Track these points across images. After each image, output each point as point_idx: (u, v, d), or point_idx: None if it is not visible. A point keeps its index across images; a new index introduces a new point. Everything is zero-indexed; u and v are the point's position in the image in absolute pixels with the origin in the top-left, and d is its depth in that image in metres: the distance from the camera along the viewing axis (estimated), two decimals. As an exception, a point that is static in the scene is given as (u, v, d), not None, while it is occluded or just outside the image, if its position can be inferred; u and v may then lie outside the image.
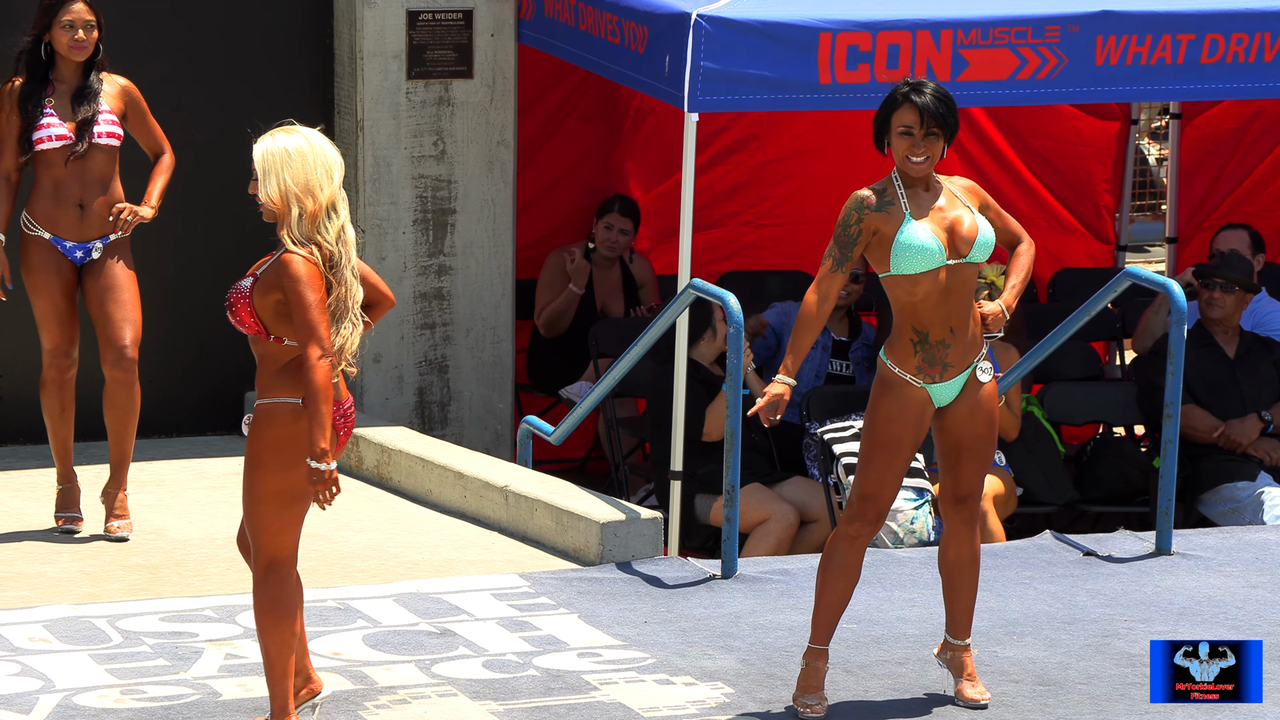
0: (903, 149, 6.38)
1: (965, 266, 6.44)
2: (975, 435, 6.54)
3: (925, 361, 6.45)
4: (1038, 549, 8.26)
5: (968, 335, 6.48)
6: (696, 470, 8.96)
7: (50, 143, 7.81)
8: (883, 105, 6.45)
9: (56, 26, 7.85)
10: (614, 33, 8.96)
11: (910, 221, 6.41)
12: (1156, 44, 8.74)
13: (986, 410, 6.53)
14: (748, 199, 11.10)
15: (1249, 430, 9.46)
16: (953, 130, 6.41)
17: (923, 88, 6.39)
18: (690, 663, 6.99)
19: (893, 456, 6.49)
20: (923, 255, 6.39)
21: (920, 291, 6.41)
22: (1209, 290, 9.65)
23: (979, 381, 6.50)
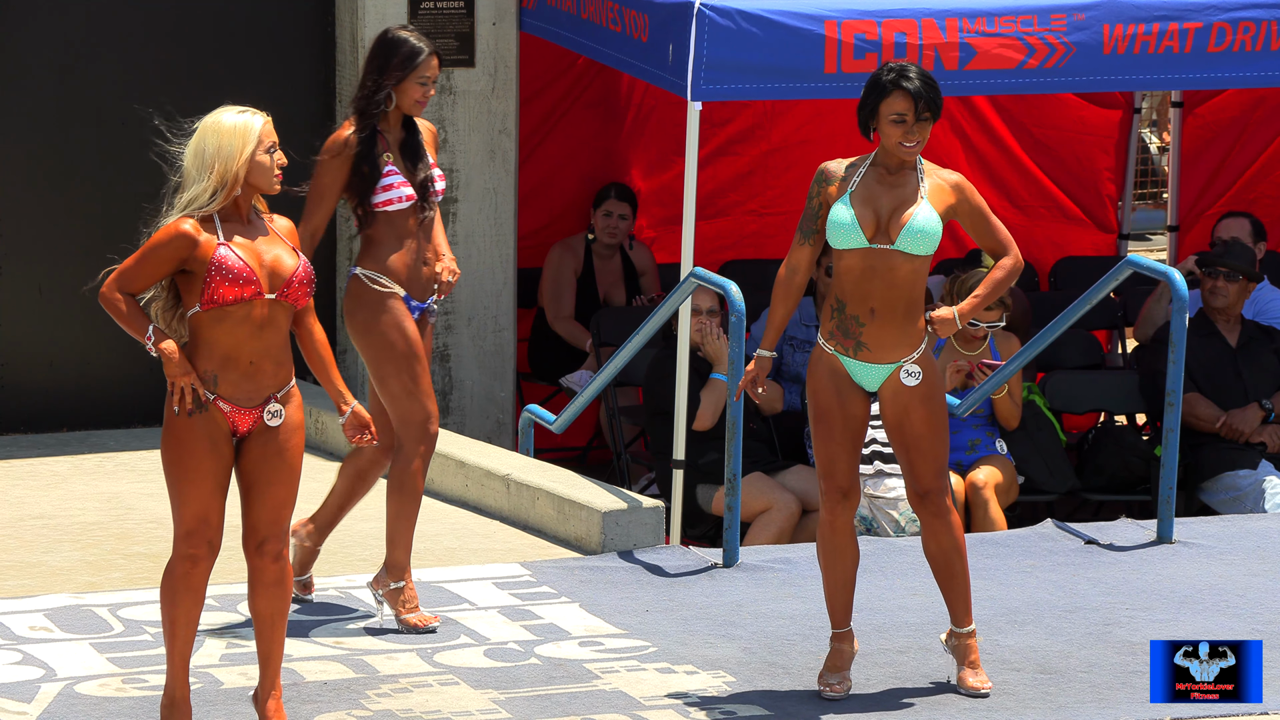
0: (896, 136, 6.41)
1: (894, 254, 6.44)
2: (915, 434, 6.55)
3: (839, 329, 6.52)
4: (1039, 537, 8.26)
5: (894, 325, 6.47)
6: (698, 459, 8.96)
7: (400, 204, 7.11)
8: (868, 92, 6.47)
9: (413, 80, 7.03)
10: (615, 21, 8.95)
11: (846, 197, 6.48)
12: (1164, 32, 8.73)
13: (922, 410, 6.52)
14: (751, 188, 11.10)
15: (1250, 419, 9.45)
16: (939, 112, 6.44)
17: (908, 72, 6.42)
18: (692, 651, 7.00)
19: (826, 429, 6.54)
20: (839, 231, 6.46)
21: (843, 266, 6.50)
22: (1212, 279, 9.64)
23: (903, 384, 6.50)
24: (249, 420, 6.03)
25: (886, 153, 6.48)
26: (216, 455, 6.02)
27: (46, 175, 9.44)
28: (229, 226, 6.04)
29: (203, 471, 6.03)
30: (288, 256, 6.03)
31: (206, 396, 6.01)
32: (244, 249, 5.99)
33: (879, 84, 6.43)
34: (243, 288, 5.94)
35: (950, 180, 6.53)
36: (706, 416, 9.07)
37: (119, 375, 9.48)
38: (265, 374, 6.02)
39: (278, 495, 6.03)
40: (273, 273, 5.99)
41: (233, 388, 6.01)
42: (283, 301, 6.01)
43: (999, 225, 6.59)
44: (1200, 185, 11.32)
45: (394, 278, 7.11)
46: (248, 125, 5.99)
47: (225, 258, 5.96)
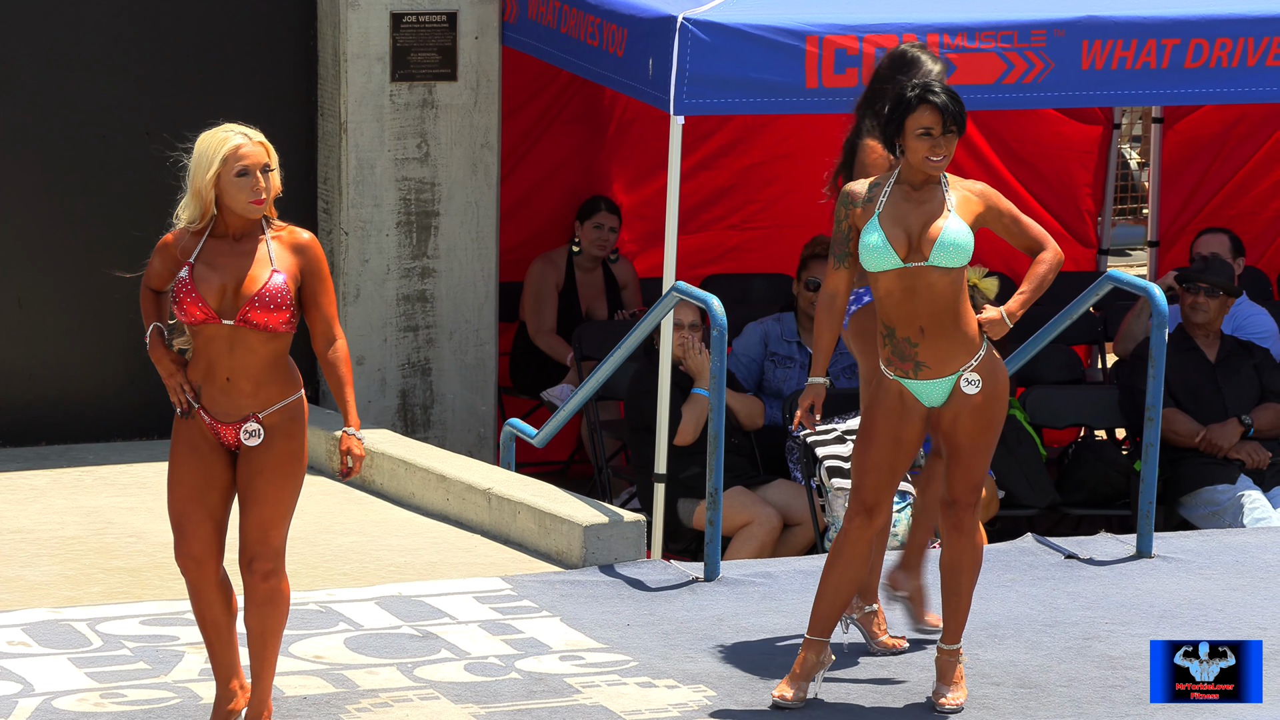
0: (923, 150, 6.43)
1: (930, 270, 6.46)
2: (957, 444, 6.57)
3: (895, 355, 6.53)
4: (1019, 552, 8.28)
5: (946, 339, 6.49)
6: (679, 473, 8.97)
7: None
8: (894, 107, 6.47)
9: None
10: (594, 35, 8.98)
11: (874, 219, 6.49)
12: (1142, 49, 8.77)
13: (969, 421, 6.53)
14: (733, 202, 11.12)
15: (1229, 434, 9.48)
16: (964, 127, 6.49)
17: (934, 87, 6.45)
18: (673, 665, 7.00)
19: (865, 444, 6.57)
20: (873, 254, 6.47)
21: (882, 288, 6.50)
22: (1193, 295, 9.67)
23: (964, 393, 6.52)
24: (231, 436, 6.04)
25: (910, 169, 6.48)
26: (197, 462, 6.04)
27: (27, 188, 9.43)
28: (212, 244, 6.05)
29: (179, 476, 6.09)
30: (261, 279, 5.99)
31: (189, 403, 6.02)
32: (209, 270, 5.99)
33: (905, 99, 6.44)
34: (197, 310, 5.96)
35: (975, 189, 6.56)
36: (688, 431, 9.08)
37: (98, 389, 9.47)
38: (242, 393, 6.02)
39: (261, 514, 6.03)
40: (236, 296, 5.98)
41: (211, 401, 6.04)
42: (243, 327, 6.00)
43: (1030, 223, 6.60)
44: (1180, 201, 11.35)
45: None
46: (220, 144, 5.99)
47: (183, 279, 5.99)
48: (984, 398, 6.53)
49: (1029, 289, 6.54)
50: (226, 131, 6.02)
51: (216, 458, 6.06)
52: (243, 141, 6.00)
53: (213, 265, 5.99)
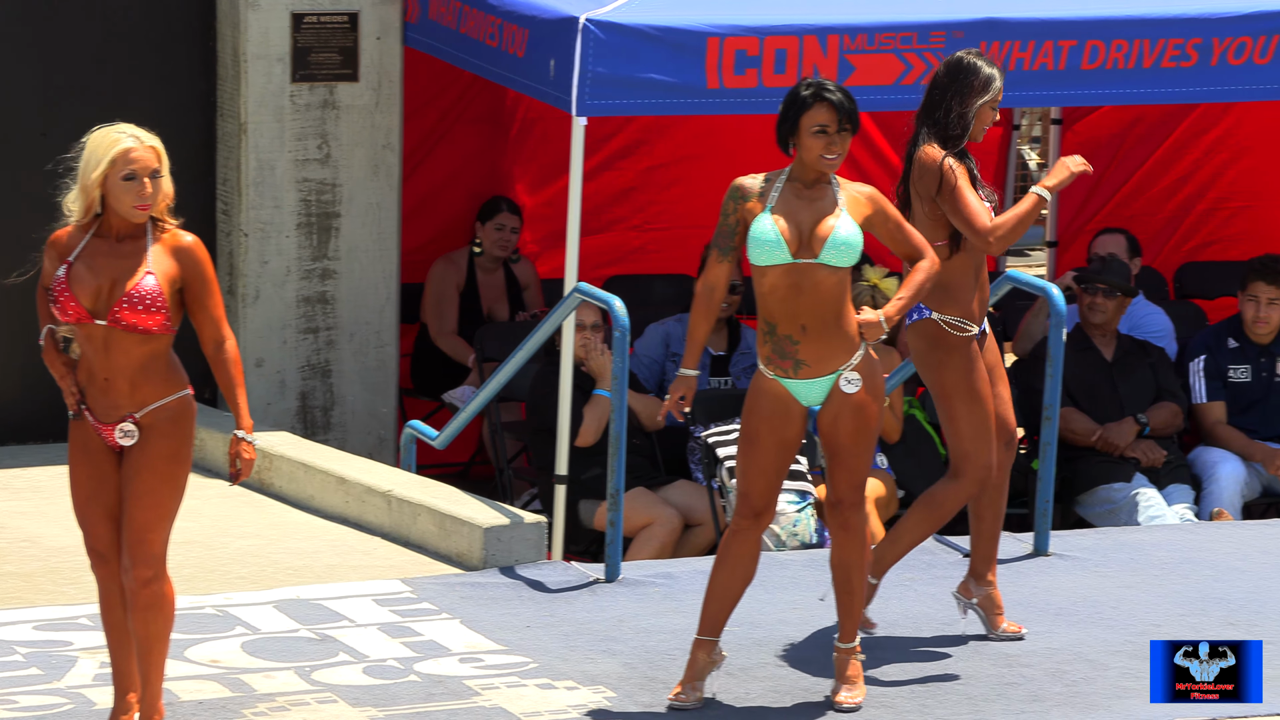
0: (818, 148, 6.47)
1: (819, 267, 6.49)
2: (839, 443, 6.62)
3: (775, 353, 6.56)
4: (918, 551, 8.25)
5: (827, 337, 6.53)
6: (581, 475, 8.97)
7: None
8: (789, 106, 6.52)
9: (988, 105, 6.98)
10: (494, 36, 8.97)
11: (765, 213, 6.51)
12: (1039, 50, 8.83)
13: (850, 420, 6.58)
14: (635, 203, 11.13)
15: (1126, 433, 9.56)
16: (858, 125, 6.53)
17: (828, 86, 6.50)
18: (573, 667, 7.00)
19: (751, 449, 6.60)
20: (764, 248, 6.49)
21: (767, 284, 6.53)
22: (1090, 295, 9.75)
23: (843, 392, 6.56)
24: (111, 436, 6.01)
25: (803, 167, 6.53)
26: (89, 463, 6.03)
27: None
28: (95, 243, 6.01)
29: (75, 477, 6.10)
30: (133, 280, 5.95)
31: (77, 405, 6.00)
32: (86, 270, 5.96)
33: (799, 97, 6.49)
34: (70, 310, 5.94)
35: (865, 192, 6.60)
36: (589, 432, 9.08)
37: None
38: (120, 392, 5.99)
39: (138, 517, 6.00)
40: (111, 297, 5.95)
41: (93, 401, 6.04)
42: (116, 328, 5.97)
43: (913, 231, 6.68)
44: (1078, 202, 11.44)
45: (973, 320, 7.07)
46: (110, 145, 5.96)
47: (60, 278, 5.97)
48: (862, 397, 6.57)
49: (907, 295, 6.61)
50: (119, 133, 5.98)
51: (106, 458, 6.04)
52: (133, 145, 5.96)
53: (91, 265, 5.96)
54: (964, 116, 6.95)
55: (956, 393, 7.03)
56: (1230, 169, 11.36)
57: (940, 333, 7.02)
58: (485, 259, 10.51)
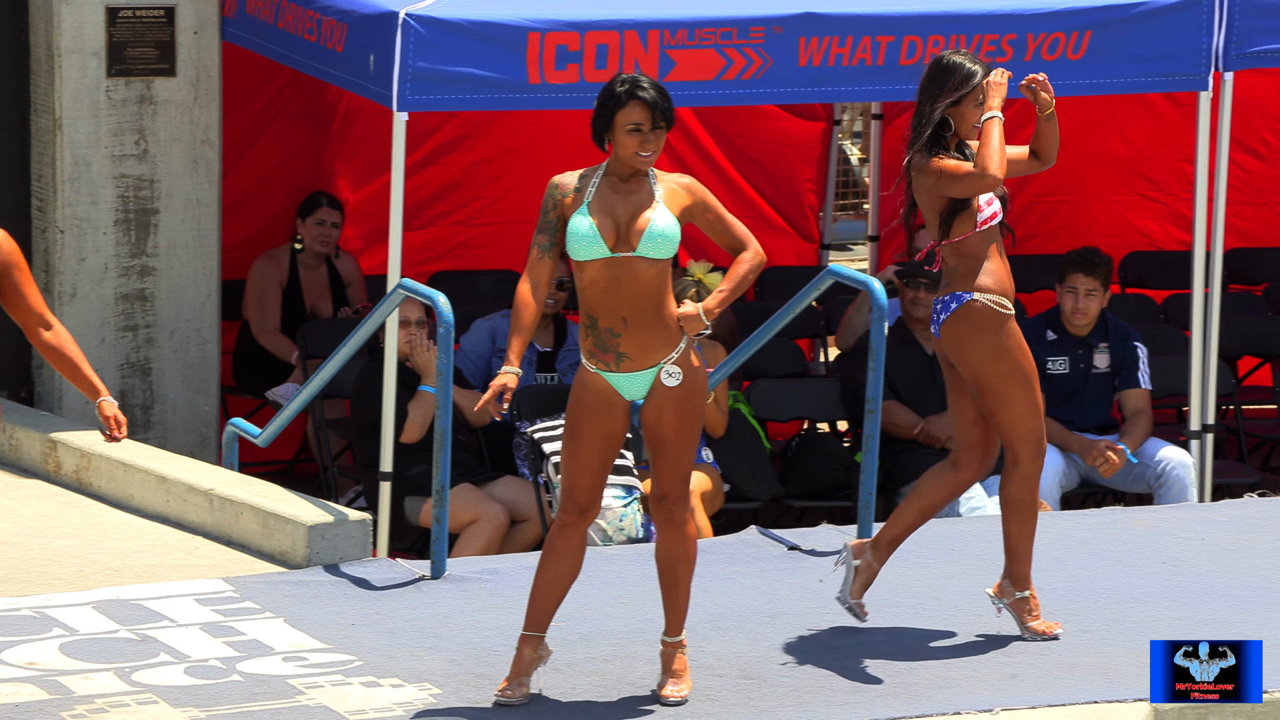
0: (632, 146, 6.49)
1: (637, 260, 6.52)
2: (663, 437, 6.63)
3: (597, 346, 6.57)
4: (743, 544, 8.36)
5: (648, 330, 6.55)
6: (406, 471, 8.93)
7: (998, 218, 7.08)
8: (603, 103, 6.53)
9: (969, 103, 7.02)
10: (312, 31, 8.91)
11: (583, 209, 6.53)
12: (858, 45, 8.90)
13: (673, 414, 6.60)
14: (459, 199, 11.10)
15: (947, 425, 9.63)
16: (673, 121, 6.55)
17: (642, 83, 6.51)
18: (398, 664, 6.96)
19: (575, 444, 6.61)
20: (582, 242, 6.51)
21: (587, 278, 6.55)
22: (913, 290, 9.83)
23: (665, 385, 6.58)
24: None
25: (619, 162, 6.55)
26: None
27: None
28: None
29: None
30: None
31: None
32: None
33: (614, 95, 6.50)
34: None
35: (683, 183, 6.63)
36: (415, 428, 9.05)
37: None
38: None
39: None
40: None
41: None
42: None
43: (735, 222, 6.68)
44: (900, 197, 11.51)
45: (1009, 296, 7.07)
46: None
47: None
48: (685, 390, 6.59)
49: (729, 287, 6.63)
50: None
51: None
52: None
53: None
54: (931, 117, 7.01)
55: (1005, 374, 7.06)
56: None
57: (988, 312, 7.05)
58: (307, 255, 10.44)
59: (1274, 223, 11.63)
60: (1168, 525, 8.49)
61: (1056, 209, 11.60)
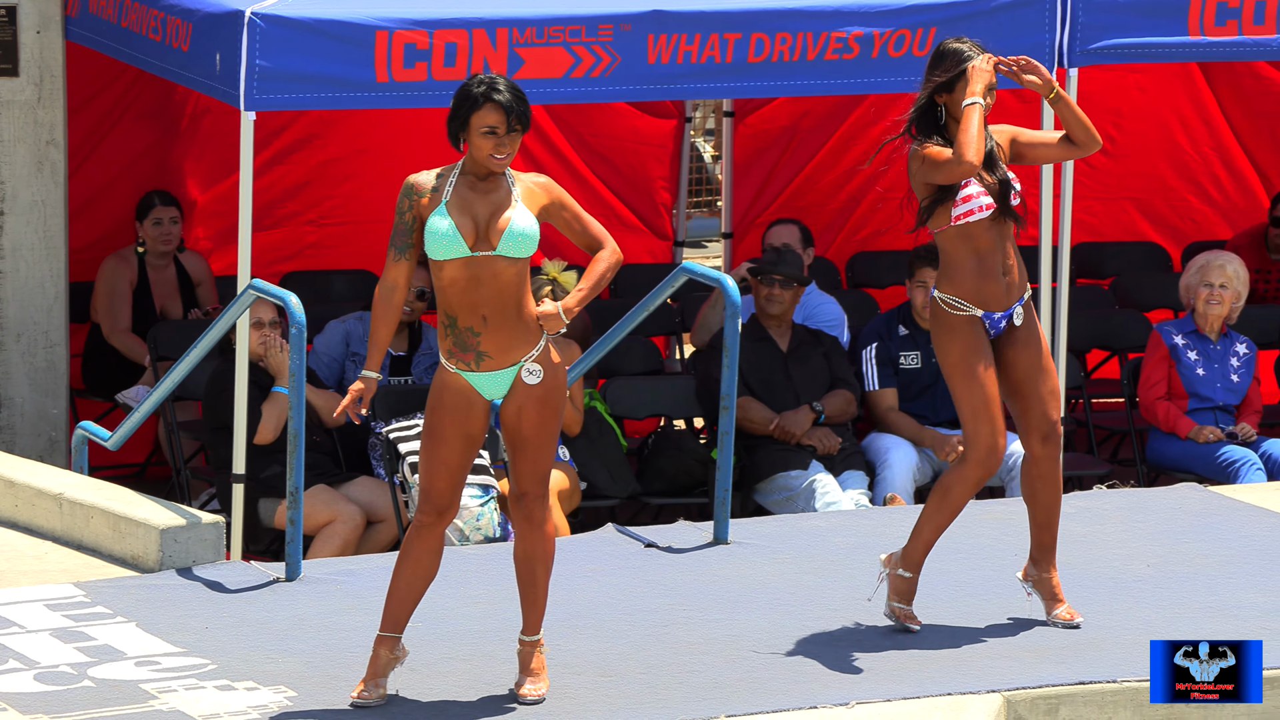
0: (488, 148, 6.49)
1: (496, 259, 6.51)
2: (522, 435, 6.63)
3: (456, 346, 6.56)
4: (600, 542, 8.37)
5: (508, 328, 6.55)
6: (260, 473, 8.87)
7: (980, 213, 7.04)
8: (459, 103, 6.52)
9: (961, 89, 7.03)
10: (157, 30, 8.82)
11: (441, 207, 6.52)
12: (706, 42, 8.93)
13: (533, 412, 6.60)
14: (310, 198, 11.03)
15: (802, 421, 9.71)
16: (529, 124, 6.55)
17: (498, 85, 6.50)
18: (252, 667, 6.92)
19: (434, 445, 6.59)
20: (441, 242, 6.50)
21: (446, 277, 6.54)
22: (767, 286, 9.88)
23: (525, 383, 6.58)
24: None
25: (475, 162, 6.55)
26: None
27: None
28: None
29: None
30: None
31: None
32: None
33: (470, 96, 6.49)
34: None
35: (540, 182, 6.63)
36: (268, 430, 8.99)
37: None
38: None
39: None
40: None
41: None
42: None
43: (592, 221, 6.70)
44: (752, 193, 11.59)
45: (970, 297, 7.03)
46: None
47: None
48: (545, 388, 6.60)
49: (588, 286, 6.64)
50: None
51: None
52: None
53: None
54: (918, 102, 7.08)
55: (955, 372, 7.11)
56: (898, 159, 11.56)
57: (940, 311, 7.13)
58: (152, 255, 10.35)
59: (1120, 218, 11.79)
60: (1020, 518, 8.56)
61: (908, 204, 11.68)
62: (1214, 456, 9.74)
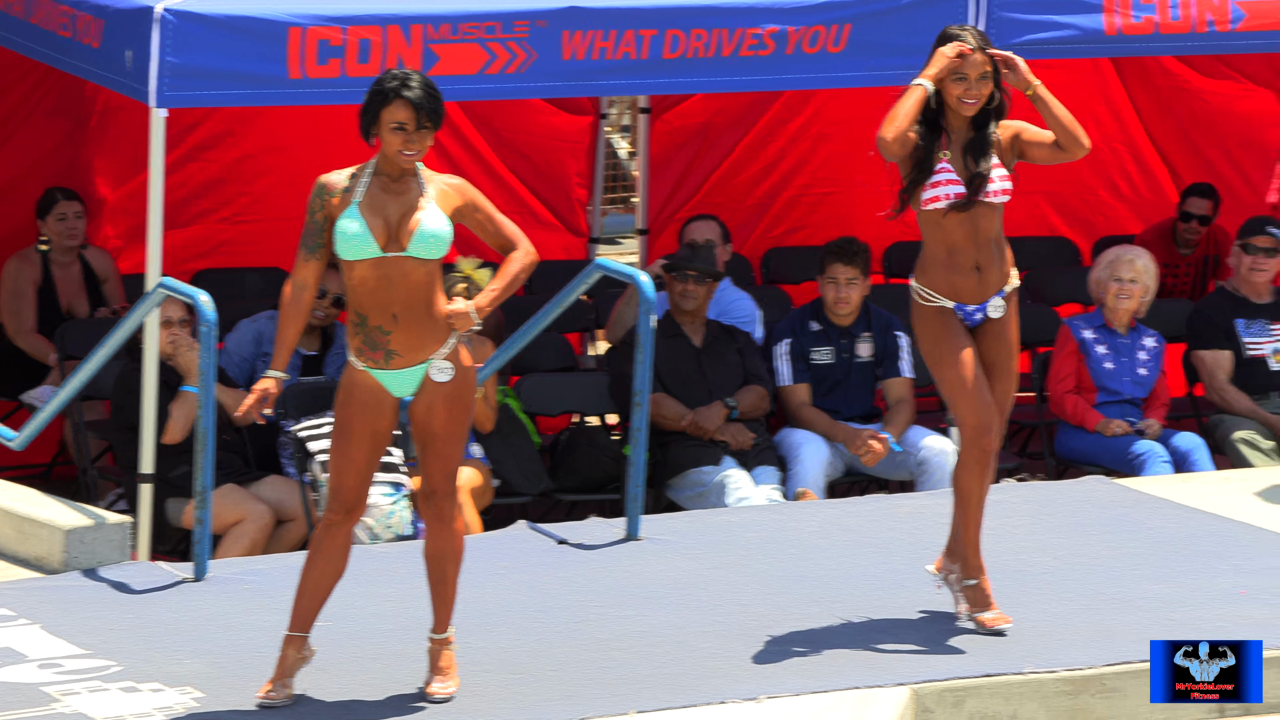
0: (396, 144, 6.47)
1: (407, 260, 6.50)
2: (431, 433, 6.62)
3: (366, 344, 6.55)
4: (513, 539, 8.36)
5: (418, 327, 6.54)
6: (168, 473, 8.81)
7: (945, 200, 7.05)
8: (371, 98, 6.52)
9: (950, 78, 7.05)
10: (66, 26, 8.75)
11: (353, 208, 6.49)
12: (621, 39, 8.92)
13: (443, 409, 6.59)
14: (223, 195, 10.97)
15: (715, 417, 9.71)
16: (440, 121, 6.51)
17: (410, 81, 6.48)
18: (158, 668, 6.87)
19: (344, 443, 6.58)
20: (351, 242, 6.49)
21: (357, 277, 6.53)
22: (682, 283, 9.88)
23: (435, 381, 6.56)
24: None
25: (387, 160, 6.53)
26: None
27: None
28: None
29: None
30: None
31: None
32: None
33: (381, 92, 6.48)
34: None
35: (453, 184, 6.62)
36: (177, 429, 8.93)
37: None
38: None
39: None
40: None
41: None
42: None
43: (505, 222, 6.69)
44: (668, 190, 11.59)
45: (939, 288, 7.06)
46: None
47: None
48: (454, 385, 6.59)
49: (500, 286, 6.64)
50: None
51: None
52: None
53: None
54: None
55: (929, 360, 7.17)
56: (813, 157, 11.63)
57: (913, 300, 7.19)
58: (57, 253, 10.27)
59: (1032, 212, 11.84)
60: (930, 511, 8.60)
61: (823, 201, 11.72)
62: (1121, 450, 9.79)
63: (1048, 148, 7.12)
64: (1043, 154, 7.13)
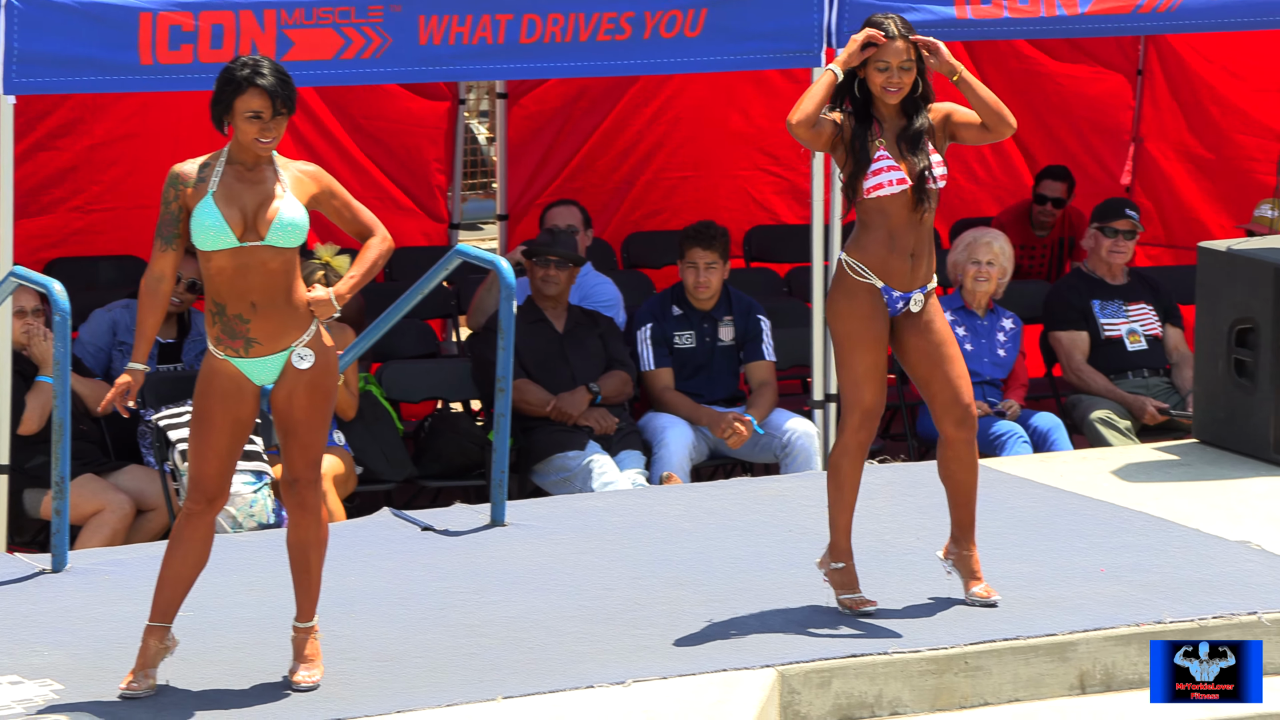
0: (252, 133, 6.44)
1: (264, 249, 6.49)
2: (294, 420, 6.60)
3: (225, 333, 6.52)
4: (377, 526, 8.32)
5: (278, 315, 6.51)
6: (25, 463, 8.71)
7: (890, 188, 7.00)
8: (222, 87, 6.47)
9: (872, 67, 7.02)
10: (-91, 12, 8.60)
11: (208, 198, 6.47)
12: (478, 24, 8.89)
13: (304, 397, 6.57)
14: (76, 184, 10.84)
15: (578, 402, 9.71)
16: (294, 107, 6.51)
17: (262, 68, 6.45)
18: (16, 661, 6.79)
19: (205, 432, 6.55)
20: (208, 233, 6.47)
21: (214, 266, 6.51)
22: (543, 268, 9.87)
23: (296, 368, 6.53)
24: None
25: (241, 148, 6.50)
26: None
27: None
28: None
29: None
30: None
31: None
32: None
33: (233, 80, 6.44)
34: None
35: (308, 171, 6.59)
36: (33, 419, 8.83)
37: None
38: None
39: None
40: None
41: None
42: None
43: (361, 209, 6.67)
44: (528, 175, 11.58)
45: (877, 271, 7.01)
46: None
47: None
48: (316, 372, 6.57)
49: (359, 273, 6.63)
50: None
51: None
52: None
53: None
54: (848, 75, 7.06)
55: (840, 334, 7.10)
56: (670, 140, 11.66)
57: (842, 273, 7.12)
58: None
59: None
60: (793, 494, 8.65)
61: (681, 185, 11.76)
62: (982, 430, 9.87)
63: (976, 129, 7.16)
64: (971, 135, 7.18)
